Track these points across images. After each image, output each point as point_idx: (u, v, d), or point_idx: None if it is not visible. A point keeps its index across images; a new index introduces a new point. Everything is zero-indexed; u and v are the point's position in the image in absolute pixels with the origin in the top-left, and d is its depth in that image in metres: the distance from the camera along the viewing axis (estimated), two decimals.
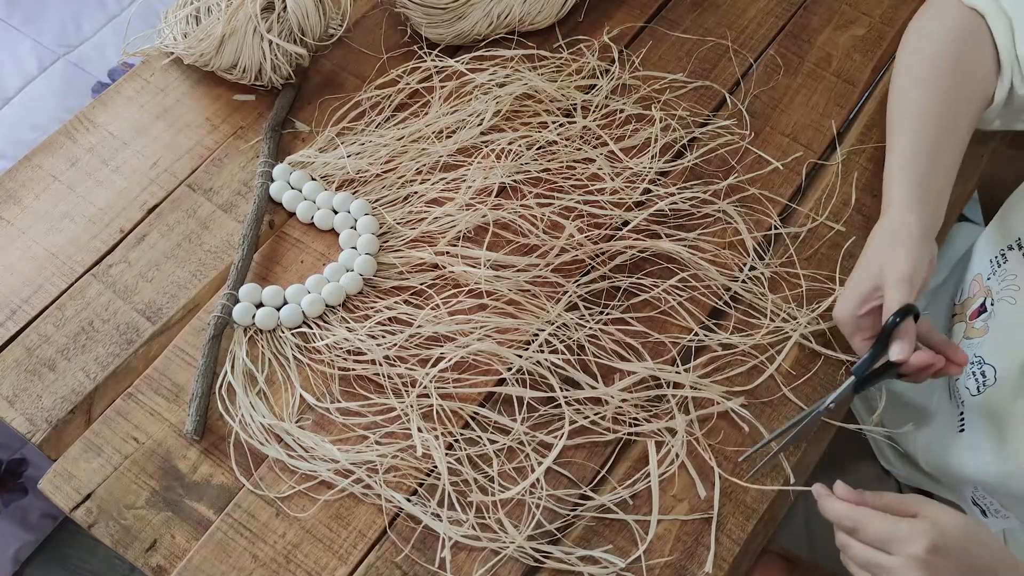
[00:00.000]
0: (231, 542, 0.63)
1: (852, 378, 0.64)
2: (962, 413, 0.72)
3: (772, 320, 0.71)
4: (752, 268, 0.74)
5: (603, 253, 0.73)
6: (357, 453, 0.65)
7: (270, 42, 0.79)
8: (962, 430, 0.72)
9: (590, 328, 0.70)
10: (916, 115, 0.71)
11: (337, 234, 0.76)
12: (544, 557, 0.62)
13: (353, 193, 0.77)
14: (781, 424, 0.67)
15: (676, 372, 0.69)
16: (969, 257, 0.79)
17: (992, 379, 0.69)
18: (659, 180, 0.78)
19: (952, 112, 0.71)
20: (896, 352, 0.62)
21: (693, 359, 0.70)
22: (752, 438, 0.67)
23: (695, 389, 0.68)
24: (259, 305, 0.72)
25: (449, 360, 0.67)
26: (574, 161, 0.78)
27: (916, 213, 0.66)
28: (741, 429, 0.67)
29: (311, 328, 0.71)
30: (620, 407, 0.67)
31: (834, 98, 0.83)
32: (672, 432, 0.66)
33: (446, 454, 0.65)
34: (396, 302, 0.72)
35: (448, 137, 0.79)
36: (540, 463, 0.64)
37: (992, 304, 0.72)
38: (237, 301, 0.71)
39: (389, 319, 0.71)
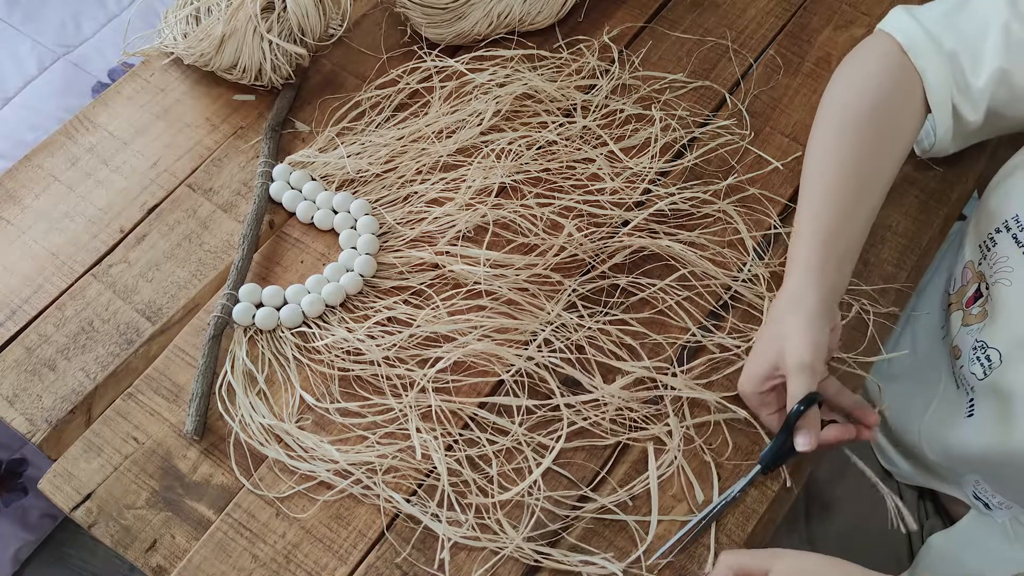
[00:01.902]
0: (231, 542, 0.63)
1: (758, 466, 0.65)
2: (972, 400, 0.73)
3: None
4: (751, 268, 0.74)
5: (602, 252, 0.73)
6: (356, 454, 0.65)
7: (270, 42, 0.79)
8: (971, 415, 0.72)
9: (589, 328, 0.70)
10: (830, 168, 0.68)
11: (337, 234, 0.76)
12: (543, 557, 0.62)
13: (353, 193, 0.77)
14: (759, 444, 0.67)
15: (673, 375, 0.69)
16: (959, 247, 0.79)
17: (998, 361, 0.69)
18: (659, 180, 0.78)
19: (871, 164, 0.69)
20: (801, 444, 0.62)
21: (693, 359, 0.70)
22: (751, 439, 0.67)
23: (692, 390, 0.68)
24: (259, 305, 0.72)
25: (448, 360, 0.67)
26: (574, 161, 0.78)
27: (815, 285, 0.64)
28: (739, 431, 0.67)
29: (311, 328, 0.71)
30: (620, 409, 0.67)
31: None
32: (670, 435, 0.66)
33: (445, 455, 0.65)
34: (396, 302, 0.72)
35: (448, 137, 0.79)
36: (539, 464, 0.64)
37: (987, 288, 0.72)
38: (237, 301, 0.71)
39: (388, 319, 0.71)
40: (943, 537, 0.79)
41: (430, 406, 0.67)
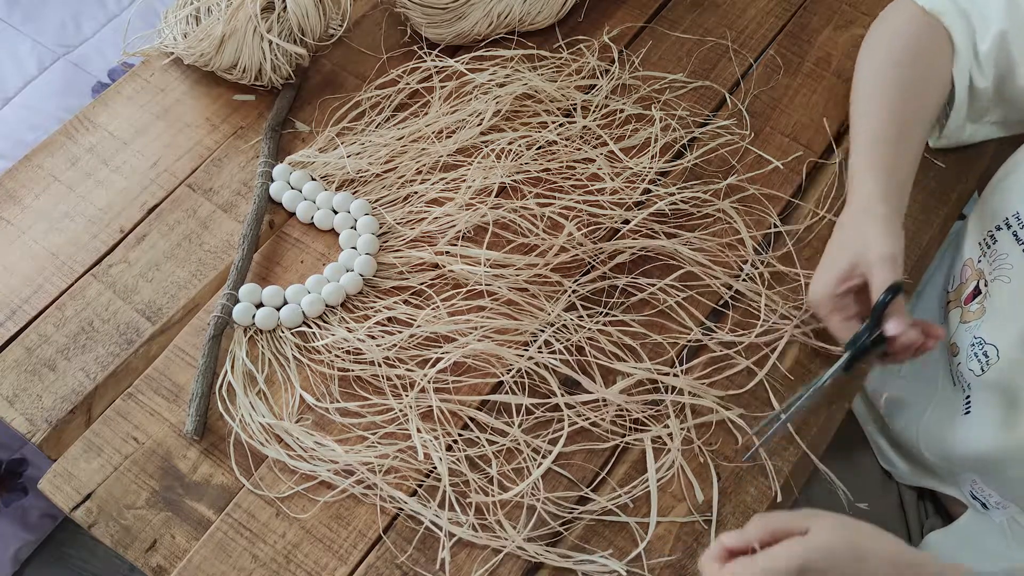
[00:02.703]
0: (231, 542, 0.63)
1: (847, 353, 0.64)
2: (968, 397, 0.73)
3: (768, 319, 0.71)
4: (751, 267, 0.74)
5: (602, 252, 0.73)
6: (356, 454, 0.65)
7: (270, 42, 0.79)
8: (967, 412, 0.72)
9: (589, 329, 0.70)
10: (879, 108, 0.71)
11: (337, 234, 0.76)
12: (544, 557, 0.62)
13: (353, 193, 0.77)
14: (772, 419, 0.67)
15: (674, 375, 0.69)
16: (958, 245, 0.79)
17: (995, 357, 0.69)
18: (659, 180, 0.78)
19: (913, 105, 0.71)
20: (892, 328, 0.62)
21: (692, 359, 0.70)
22: (747, 447, 0.67)
23: (692, 395, 0.68)
24: (259, 305, 0.72)
25: (448, 361, 0.67)
26: (574, 161, 0.78)
27: (883, 201, 0.67)
28: (739, 432, 0.67)
29: (311, 328, 0.71)
30: (620, 409, 0.67)
31: (834, 98, 0.83)
32: (670, 436, 0.66)
33: (445, 455, 0.65)
34: (396, 302, 0.72)
35: (448, 137, 0.79)
36: (539, 464, 0.64)
37: (986, 285, 0.72)
38: (237, 301, 0.71)
39: (388, 319, 0.71)
40: (941, 535, 0.79)
41: (430, 406, 0.67)
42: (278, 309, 0.72)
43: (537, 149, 0.79)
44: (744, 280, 0.73)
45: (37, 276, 0.74)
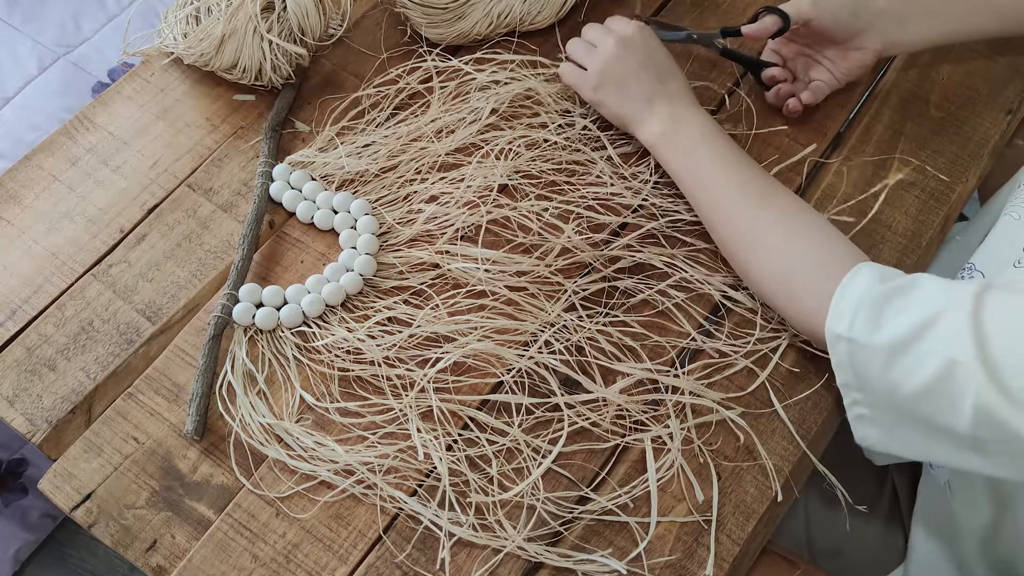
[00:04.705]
0: (231, 542, 0.63)
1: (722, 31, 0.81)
2: None
3: (767, 323, 0.71)
4: None
5: (602, 255, 0.73)
6: (356, 454, 0.65)
7: (270, 42, 0.79)
8: None
9: (589, 329, 0.70)
10: None
11: (337, 234, 0.76)
12: (544, 557, 0.62)
13: (353, 193, 0.77)
14: (772, 422, 0.67)
15: (675, 376, 0.69)
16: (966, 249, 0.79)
17: None
18: (658, 182, 0.78)
19: None
20: (746, 29, 0.77)
21: (693, 359, 0.70)
22: (747, 446, 0.67)
23: (693, 396, 0.68)
24: (259, 305, 0.72)
25: (448, 361, 0.67)
26: (574, 162, 0.78)
27: None
28: (739, 431, 0.67)
29: (311, 328, 0.71)
30: (620, 409, 0.67)
31: (834, 98, 0.83)
32: (670, 436, 0.66)
33: (445, 455, 0.65)
34: (396, 302, 0.72)
35: (448, 136, 0.79)
36: (539, 464, 0.64)
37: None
38: (237, 301, 0.71)
39: (388, 319, 0.71)
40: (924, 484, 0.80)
41: (430, 406, 0.67)
42: (278, 309, 0.72)
43: (537, 149, 0.79)
44: (740, 291, 0.73)
45: (37, 276, 0.74)
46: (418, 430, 0.65)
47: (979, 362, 0.49)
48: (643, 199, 0.76)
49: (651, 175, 0.77)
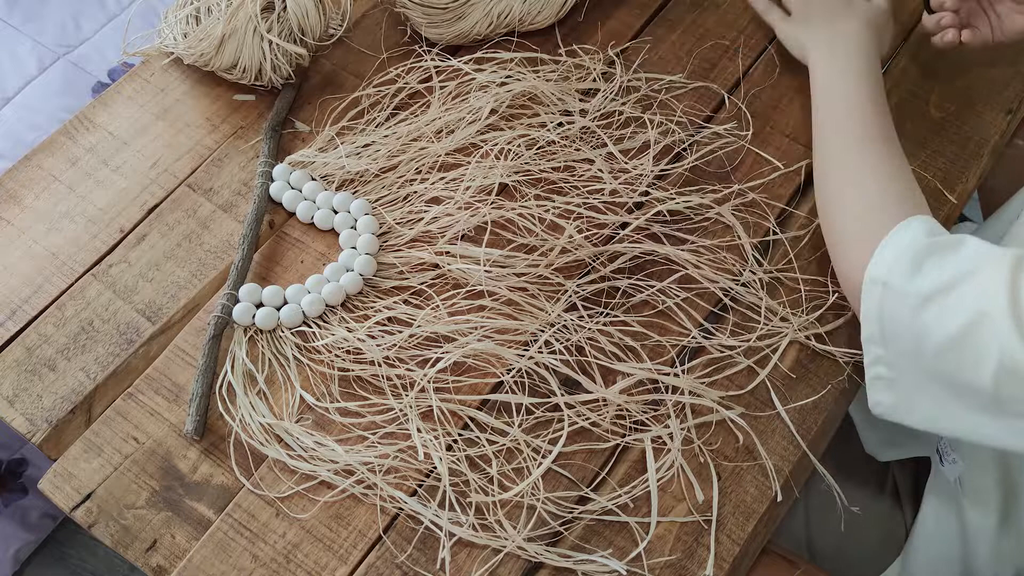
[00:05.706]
0: (231, 542, 0.63)
1: None
2: None
3: (768, 321, 0.71)
4: (750, 272, 0.74)
5: (603, 254, 0.73)
6: (357, 454, 0.65)
7: (270, 42, 0.79)
8: None
9: (589, 329, 0.70)
10: None
11: (337, 234, 0.76)
12: (544, 557, 0.62)
13: (353, 193, 0.77)
14: (772, 422, 0.67)
15: (675, 375, 0.69)
16: None
17: None
18: (658, 183, 0.78)
19: None
20: None
21: (693, 359, 0.70)
22: (747, 446, 0.67)
23: (693, 395, 0.68)
24: (259, 305, 0.72)
25: (448, 360, 0.67)
26: (574, 161, 0.78)
27: None
28: (740, 431, 0.67)
29: (311, 328, 0.71)
30: (620, 410, 0.67)
31: None
32: (670, 436, 0.66)
33: (445, 455, 0.65)
34: (396, 302, 0.72)
35: (447, 136, 0.79)
36: (539, 464, 0.64)
37: None
38: (237, 301, 0.71)
39: (388, 319, 0.71)
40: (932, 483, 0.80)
41: (430, 406, 0.67)
42: (278, 309, 0.72)
43: (537, 149, 0.79)
44: (744, 285, 0.73)
45: (37, 276, 0.74)
46: (418, 430, 0.65)
47: (1010, 317, 0.49)
48: (644, 191, 0.76)
49: (651, 168, 0.77)
